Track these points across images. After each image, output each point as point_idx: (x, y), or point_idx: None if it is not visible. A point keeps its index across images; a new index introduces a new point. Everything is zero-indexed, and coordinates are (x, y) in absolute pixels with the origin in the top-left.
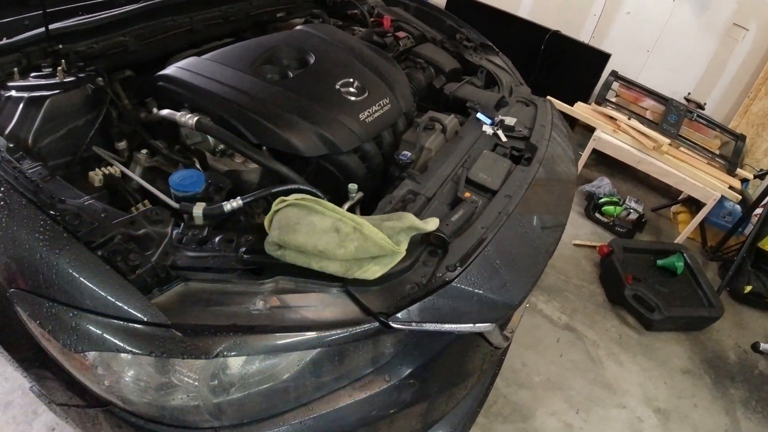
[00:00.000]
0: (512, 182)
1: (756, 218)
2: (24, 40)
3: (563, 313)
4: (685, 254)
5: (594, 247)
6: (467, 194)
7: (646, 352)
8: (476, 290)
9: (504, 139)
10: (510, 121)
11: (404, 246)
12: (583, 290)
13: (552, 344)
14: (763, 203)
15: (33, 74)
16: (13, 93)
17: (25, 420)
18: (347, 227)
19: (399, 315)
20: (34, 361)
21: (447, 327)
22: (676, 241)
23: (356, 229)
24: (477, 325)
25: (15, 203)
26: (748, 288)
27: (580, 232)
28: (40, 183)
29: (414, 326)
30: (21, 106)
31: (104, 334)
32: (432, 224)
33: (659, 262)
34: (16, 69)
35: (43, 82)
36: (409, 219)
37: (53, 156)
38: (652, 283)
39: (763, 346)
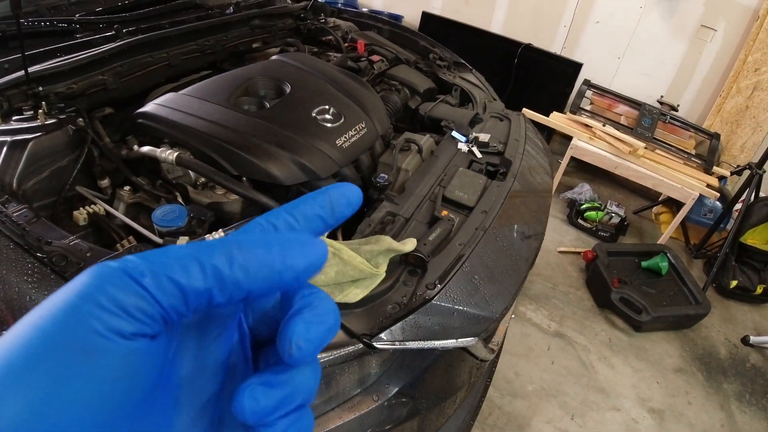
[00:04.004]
0: (488, 197)
1: (737, 213)
2: (4, 83)
3: (552, 320)
4: (668, 254)
5: (578, 253)
6: (444, 212)
7: (637, 354)
8: (457, 306)
9: (479, 155)
10: (484, 137)
11: (383, 268)
12: (571, 296)
13: (543, 352)
14: (742, 198)
15: (15, 118)
16: None
17: None
18: None
19: (382, 335)
20: None
21: (430, 344)
22: (659, 242)
23: (335, 254)
24: (460, 340)
25: (3, 247)
26: (734, 282)
27: (564, 239)
28: (26, 226)
29: (398, 345)
30: (4, 150)
31: None
32: (410, 245)
33: (644, 263)
34: None
35: (25, 125)
36: (387, 241)
37: (38, 197)
38: (638, 284)
39: (753, 339)
